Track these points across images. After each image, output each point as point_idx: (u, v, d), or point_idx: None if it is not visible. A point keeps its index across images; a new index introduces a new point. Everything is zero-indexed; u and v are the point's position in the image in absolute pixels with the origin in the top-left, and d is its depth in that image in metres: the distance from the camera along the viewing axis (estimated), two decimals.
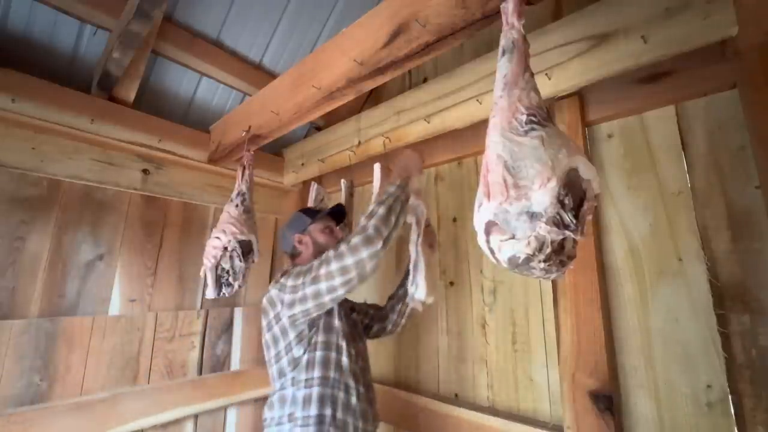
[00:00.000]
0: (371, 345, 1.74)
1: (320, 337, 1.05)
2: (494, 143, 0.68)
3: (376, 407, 1.13)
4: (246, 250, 1.39)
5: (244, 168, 1.52)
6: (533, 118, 0.67)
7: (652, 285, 1.05)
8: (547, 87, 1.12)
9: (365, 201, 1.95)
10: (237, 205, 1.45)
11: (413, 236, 1.16)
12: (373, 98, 2.10)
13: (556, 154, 0.62)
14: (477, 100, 1.29)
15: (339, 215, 1.34)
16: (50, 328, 1.36)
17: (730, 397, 0.90)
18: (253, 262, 1.44)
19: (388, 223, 0.97)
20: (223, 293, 1.38)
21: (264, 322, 1.10)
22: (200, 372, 1.75)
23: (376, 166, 1.37)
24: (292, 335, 1.04)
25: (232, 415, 1.81)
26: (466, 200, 1.54)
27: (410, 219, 1.16)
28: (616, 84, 1.12)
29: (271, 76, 1.83)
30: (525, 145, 0.65)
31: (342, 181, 1.59)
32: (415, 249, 1.15)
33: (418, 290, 1.12)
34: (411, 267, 1.16)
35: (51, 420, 1.28)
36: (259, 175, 2.00)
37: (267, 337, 1.08)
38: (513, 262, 0.64)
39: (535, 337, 1.26)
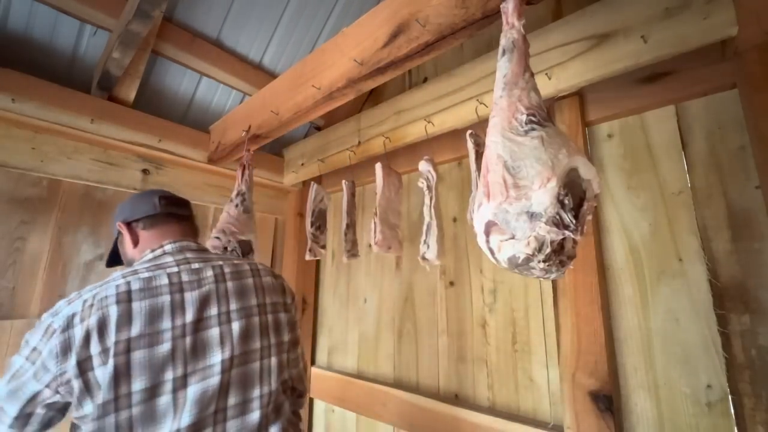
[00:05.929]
0: (371, 344, 1.75)
1: None
2: (494, 143, 0.68)
3: None
4: (246, 250, 1.39)
5: (243, 168, 1.52)
6: (533, 118, 0.67)
7: (652, 285, 1.05)
8: (547, 87, 1.12)
9: (365, 201, 1.95)
10: (237, 205, 1.45)
11: (426, 200, 1.25)
12: (373, 98, 2.10)
13: (556, 154, 0.62)
14: (477, 100, 1.29)
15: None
16: None
17: (730, 397, 0.90)
18: None
19: None
20: None
21: (271, 299, 0.87)
22: None
23: (378, 166, 1.37)
24: None
25: None
26: (466, 200, 1.53)
27: (421, 184, 1.26)
28: (616, 84, 1.12)
29: (271, 76, 1.83)
30: (525, 145, 0.65)
31: (343, 181, 1.59)
32: (429, 212, 1.23)
33: (429, 251, 1.19)
34: (425, 228, 1.23)
35: None
36: (259, 175, 2.00)
37: (282, 317, 0.87)
38: (513, 262, 0.64)
39: (535, 337, 1.26)
